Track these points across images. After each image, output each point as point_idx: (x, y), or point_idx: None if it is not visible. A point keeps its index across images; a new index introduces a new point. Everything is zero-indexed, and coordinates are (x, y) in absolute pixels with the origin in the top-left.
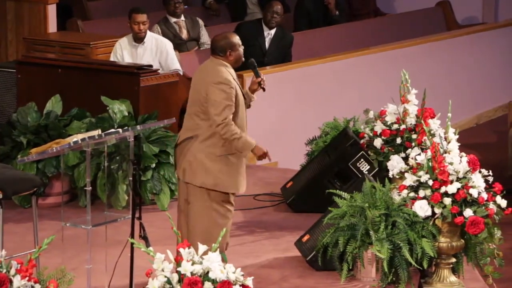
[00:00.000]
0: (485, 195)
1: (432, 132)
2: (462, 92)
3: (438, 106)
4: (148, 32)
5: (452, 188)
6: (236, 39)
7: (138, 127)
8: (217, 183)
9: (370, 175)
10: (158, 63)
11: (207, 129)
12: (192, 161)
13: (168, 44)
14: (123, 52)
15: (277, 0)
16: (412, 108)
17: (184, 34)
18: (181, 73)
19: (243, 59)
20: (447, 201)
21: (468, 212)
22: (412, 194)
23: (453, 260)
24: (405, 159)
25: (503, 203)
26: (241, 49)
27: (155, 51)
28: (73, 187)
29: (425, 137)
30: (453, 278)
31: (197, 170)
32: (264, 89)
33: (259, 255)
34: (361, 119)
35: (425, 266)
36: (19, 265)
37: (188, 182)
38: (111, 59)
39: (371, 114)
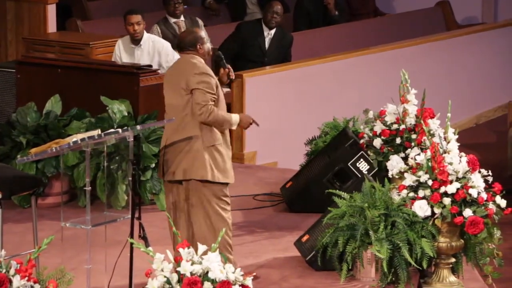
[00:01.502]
0: (484, 195)
1: (431, 132)
2: (462, 92)
3: (438, 106)
4: (146, 34)
5: (451, 188)
6: (202, 33)
7: (138, 127)
8: (214, 174)
9: (370, 175)
10: (157, 64)
11: (196, 125)
12: (193, 159)
13: (165, 44)
14: (121, 54)
15: (277, 0)
16: (412, 108)
17: None
18: None
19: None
20: (447, 201)
21: (467, 212)
22: (411, 194)
23: (453, 260)
24: (405, 159)
25: (503, 203)
26: (208, 42)
27: (152, 53)
28: (72, 187)
29: (424, 137)
30: (452, 278)
31: (195, 165)
32: (232, 80)
33: (259, 255)
34: (360, 119)
35: (425, 266)
36: (18, 265)
37: (189, 179)
38: (113, 59)
39: (371, 114)
